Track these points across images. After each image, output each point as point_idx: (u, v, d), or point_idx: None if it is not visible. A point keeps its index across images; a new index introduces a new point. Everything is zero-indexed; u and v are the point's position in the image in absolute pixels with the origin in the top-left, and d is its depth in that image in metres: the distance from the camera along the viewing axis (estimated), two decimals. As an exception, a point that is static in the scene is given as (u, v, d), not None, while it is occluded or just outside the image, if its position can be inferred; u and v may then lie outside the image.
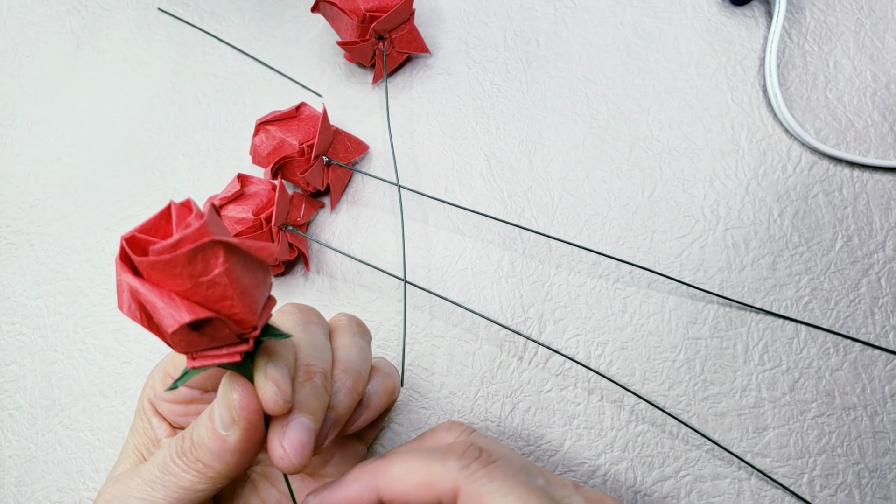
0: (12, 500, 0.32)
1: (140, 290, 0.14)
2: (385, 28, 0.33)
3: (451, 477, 0.19)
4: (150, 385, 0.24)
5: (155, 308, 0.15)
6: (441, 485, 0.19)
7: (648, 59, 0.34)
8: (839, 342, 0.29)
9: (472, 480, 0.19)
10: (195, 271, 0.15)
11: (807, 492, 0.27)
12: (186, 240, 0.14)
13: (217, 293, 0.15)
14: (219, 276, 0.15)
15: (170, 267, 0.14)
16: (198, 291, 0.15)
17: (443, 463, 0.20)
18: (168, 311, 0.14)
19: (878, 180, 0.31)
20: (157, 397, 0.23)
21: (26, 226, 0.37)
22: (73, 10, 0.42)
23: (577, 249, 0.32)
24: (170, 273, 0.14)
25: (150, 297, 0.14)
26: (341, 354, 0.23)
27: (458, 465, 0.20)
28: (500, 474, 0.20)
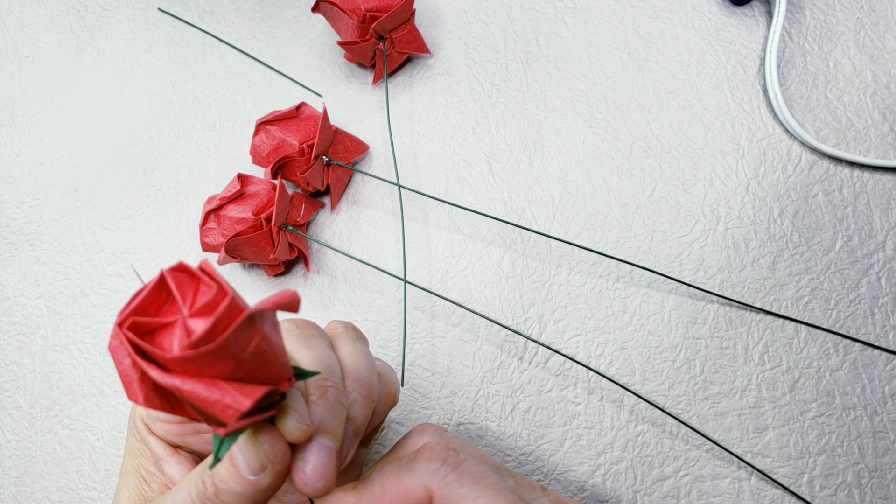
0: (12, 500, 0.32)
1: (182, 387, 0.13)
2: (385, 28, 0.33)
3: (423, 484, 0.20)
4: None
5: (206, 403, 0.14)
6: (415, 493, 0.20)
7: (648, 58, 0.34)
8: (839, 342, 0.29)
9: (444, 485, 0.20)
10: (236, 351, 0.14)
11: (807, 492, 0.27)
12: (221, 323, 0.13)
13: (258, 361, 0.14)
14: (258, 346, 0.14)
15: (211, 356, 0.13)
16: (239, 369, 0.14)
17: (412, 473, 0.20)
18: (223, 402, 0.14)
19: (878, 180, 0.31)
20: (152, 417, 0.23)
21: (26, 226, 0.37)
22: (73, 10, 0.42)
23: (578, 249, 0.32)
24: (210, 361, 0.13)
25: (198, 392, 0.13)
26: (348, 363, 0.22)
27: (428, 472, 0.20)
28: (470, 477, 0.20)
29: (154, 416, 0.22)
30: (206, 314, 0.14)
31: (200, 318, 0.14)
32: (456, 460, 0.21)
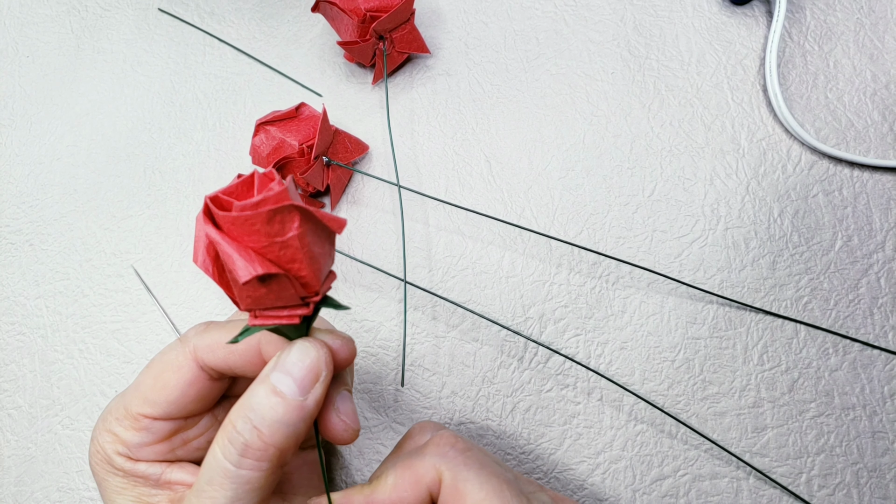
0: (12, 500, 0.32)
1: (220, 241, 0.15)
2: (385, 28, 0.33)
3: (433, 466, 0.21)
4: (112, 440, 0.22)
5: (231, 259, 0.15)
6: (426, 477, 0.21)
7: (649, 56, 0.34)
8: (838, 342, 0.29)
9: (451, 466, 0.21)
10: (272, 231, 0.16)
11: (805, 491, 0.27)
12: (268, 201, 0.15)
13: (289, 254, 0.16)
14: (292, 239, 0.16)
15: (249, 223, 0.15)
16: (271, 250, 0.16)
17: (422, 458, 0.21)
18: (243, 262, 0.15)
19: (878, 180, 0.31)
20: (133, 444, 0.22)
21: (26, 225, 0.37)
22: (73, 10, 0.42)
23: (578, 249, 0.32)
24: (249, 229, 0.15)
25: (228, 249, 0.15)
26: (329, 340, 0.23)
27: (438, 455, 0.21)
28: (476, 462, 0.21)
29: (138, 441, 0.22)
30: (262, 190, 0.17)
31: None
32: (463, 446, 0.22)
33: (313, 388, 0.19)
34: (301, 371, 0.18)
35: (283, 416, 0.18)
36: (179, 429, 0.22)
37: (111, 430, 0.22)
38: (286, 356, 0.19)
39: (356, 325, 0.32)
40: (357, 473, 0.30)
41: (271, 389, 0.18)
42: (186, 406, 0.22)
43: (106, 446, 0.22)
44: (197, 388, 0.22)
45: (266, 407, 0.18)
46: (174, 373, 0.22)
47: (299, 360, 0.19)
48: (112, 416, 0.22)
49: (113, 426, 0.22)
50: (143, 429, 0.22)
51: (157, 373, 0.22)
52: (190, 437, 0.23)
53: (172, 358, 0.22)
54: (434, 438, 0.22)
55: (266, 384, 0.19)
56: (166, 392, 0.21)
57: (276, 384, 0.18)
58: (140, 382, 0.22)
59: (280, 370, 0.19)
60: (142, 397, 0.22)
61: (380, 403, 0.31)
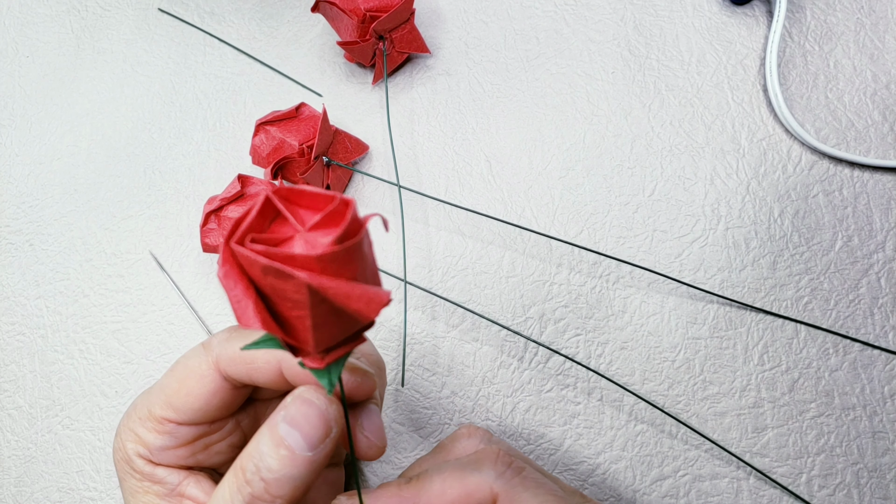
0: (12, 501, 0.32)
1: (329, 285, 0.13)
2: (385, 28, 0.33)
3: (489, 485, 0.20)
4: (134, 440, 0.22)
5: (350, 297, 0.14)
6: (479, 494, 0.20)
7: (649, 56, 0.34)
8: (839, 342, 0.29)
9: (509, 487, 0.20)
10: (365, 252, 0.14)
11: (805, 491, 0.27)
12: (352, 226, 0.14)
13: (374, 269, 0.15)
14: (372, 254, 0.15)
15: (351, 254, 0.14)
16: (365, 272, 0.15)
17: (478, 473, 0.20)
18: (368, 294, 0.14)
19: (878, 180, 0.31)
20: (155, 447, 0.21)
21: (26, 226, 0.37)
22: (73, 10, 0.42)
23: (578, 249, 0.32)
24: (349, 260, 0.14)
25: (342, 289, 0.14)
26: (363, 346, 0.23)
27: (494, 474, 0.20)
28: (533, 482, 0.20)
29: (160, 445, 0.21)
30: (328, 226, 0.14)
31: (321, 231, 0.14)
32: (518, 466, 0.21)
33: (322, 443, 0.18)
34: (310, 428, 0.18)
35: (291, 470, 0.18)
36: (202, 434, 0.22)
37: (134, 429, 0.22)
38: (295, 408, 0.18)
39: (356, 325, 0.32)
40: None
41: (279, 442, 0.18)
42: (210, 413, 0.21)
43: (128, 445, 0.22)
44: (221, 397, 0.21)
45: (274, 459, 0.18)
46: (197, 381, 0.21)
47: (309, 414, 0.18)
48: (136, 415, 0.22)
49: (136, 426, 0.22)
50: (167, 433, 0.21)
51: (182, 378, 0.21)
52: (212, 442, 0.22)
53: (195, 365, 0.21)
54: (489, 452, 0.21)
55: (274, 434, 0.18)
56: (190, 399, 0.21)
57: (284, 437, 0.18)
58: (164, 385, 0.22)
59: (288, 422, 0.18)
60: (166, 401, 0.21)
61: (380, 403, 0.31)
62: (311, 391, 0.18)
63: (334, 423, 0.18)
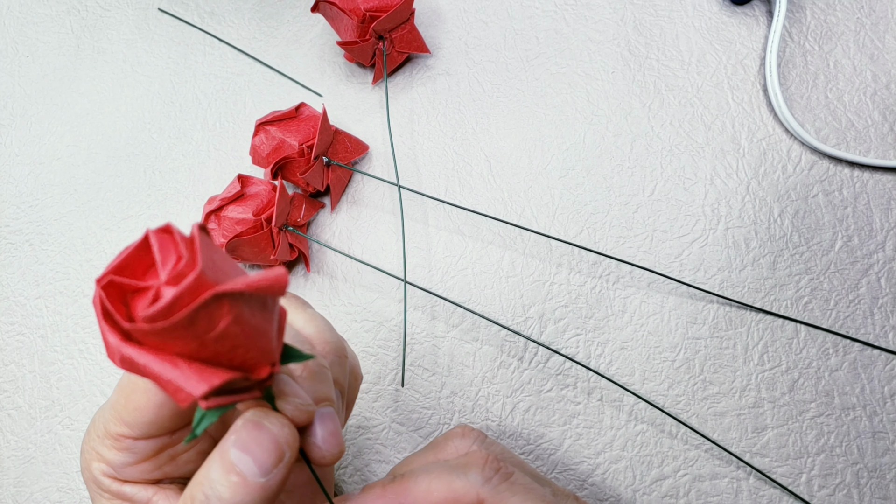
0: (11, 501, 0.32)
1: (138, 360, 0.13)
2: (385, 28, 0.33)
3: (475, 491, 0.20)
4: (97, 459, 0.21)
5: (161, 381, 0.13)
6: (465, 499, 0.20)
7: (649, 56, 0.34)
8: (839, 342, 0.29)
9: (496, 493, 0.20)
10: (199, 330, 0.13)
11: (805, 491, 0.27)
12: (182, 299, 0.12)
13: (227, 345, 0.13)
14: (227, 329, 0.13)
15: (168, 332, 0.12)
16: (205, 349, 0.13)
17: (465, 477, 0.20)
18: (175, 384, 0.13)
19: (878, 180, 0.31)
20: (118, 464, 0.20)
21: (26, 226, 0.37)
22: (73, 10, 0.42)
23: (578, 249, 0.32)
24: (169, 337, 0.12)
25: (153, 369, 0.13)
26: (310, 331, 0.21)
27: (481, 479, 0.20)
28: (521, 488, 0.20)
29: (122, 461, 0.20)
30: (175, 284, 0.13)
31: (171, 287, 0.13)
32: (507, 472, 0.21)
33: (276, 468, 0.17)
34: (262, 452, 0.17)
35: (244, 498, 0.17)
36: (165, 446, 0.21)
37: (95, 448, 0.21)
38: (246, 432, 0.17)
39: (356, 325, 0.32)
40: (357, 473, 0.30)
41: (230, 468, 0.17)
42: (163, 425, 0.20)
43: (93, 465, 0.21)
44: (170, 408, 0.20)
45: (224, 487, 0.17)
46: (143, 395, 0.20)
47: (261, 439, 0.17)
48: (95, 433, 0.21)
49: (96, 444, 0.21)
50: (125, 449, 0.20)
51: (127, 393, 0.20)
52: (178, 452, 0.21)
53: (137, 378, 0.20)
54: (477, 456, 0.21)
55: (225, 460, 0.17)
56: (138, 414, 0.20)
57: (235, 462, 0.17)
58: (115, 402, 0.21)
59: (239, 447, 0.17)
60: (118, 417, 0.20)
61: (380, 403, 0.31)
62: (262, 414, 0.17)
63: (287, 447, 0.17)
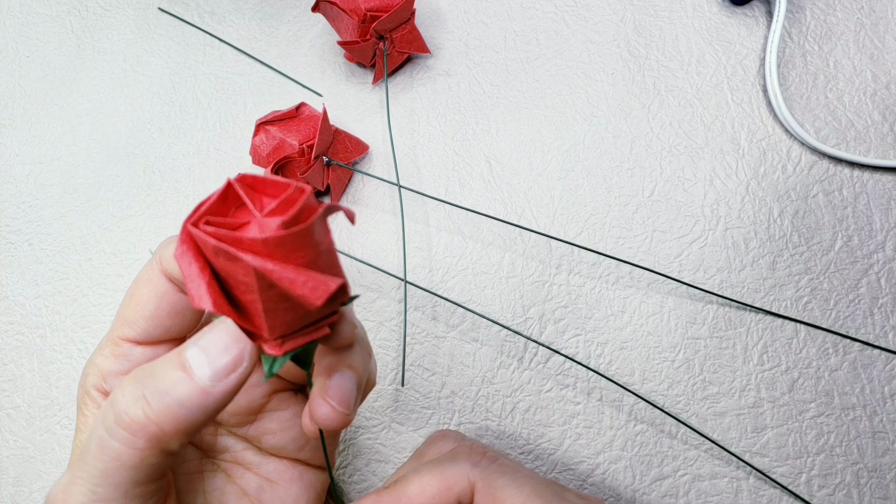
0: (10, 500, 0.32)
1: (273, 269, 0.13)
2: (386, 28, 0.33)
3: (465, 475, 0.20)
4: (90, 372, 0.21)
5: (294, 283, 0.14)
6: (458, 486, 0.20)
7: (649, 56, 0.34)
8: (838, 342, 0.29)
9: (486, 475, 0.20)
10: (317, 241, 0.14)
11: (805, 491, 0.27)
12: (303, 212, 0.14)
13: (329, 260, 0.15)
14: (330, 243, 0.15)
15: (299, 239, 0.14)
16: (319, 260, 0.14)
17: (455, 465, 0.21)
18: (312, 282, 0.14)
19: (878, 180, 0.31)
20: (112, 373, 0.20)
21: (25, 225, 0.37)
22: (73, 10, 0.42)
23: (578, 249, 0.32)
24: (298, 246, 0.14)
25: (287, 275, 0.13)
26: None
27: (470, 464, 0.21)
28: (509, 468, 0.21)
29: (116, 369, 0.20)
30: (282, 212, 0.14)
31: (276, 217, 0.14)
32: (494, 454, 0.21)
33: (227, 377, 0.16)
34: (219, 354, 0.16)
35: (182, 396, 0.16)
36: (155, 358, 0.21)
37: (94, 361, 0.21)
38: (211, 332, 0.16)
39: (356, 324, 0.32)
40: (357, 474, 0.30)
41: (181, 363, 0.16)
42: (161, 321, 0.20)
43: (87, 380, 0.21)
44: (168, 301, 0.20)
45: (168, 380, 0.16)
46: (145, 286, 0.20)
47: (222, 341, 0.16)
48: (97, 350, 0.21)
49: (95, 358, 0.21)
50: (122, 355, 0.20)
51: (132, 291, 0.20)
52: None
53: (144, 273, 0.20)
54: (462, 447, 0.22)
55: (180, 354, 0.16)
56: (140, 307, 0.20)
57: (188, 359, 0.16)
58: (121, 305, 0.21)
59: (198, 345, 0.16)
60: (121, 319, 0.20)
61: (380, 403, 0.31)
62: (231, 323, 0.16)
63: (248, 356, 0.16)
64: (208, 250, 0.14)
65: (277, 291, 0.14)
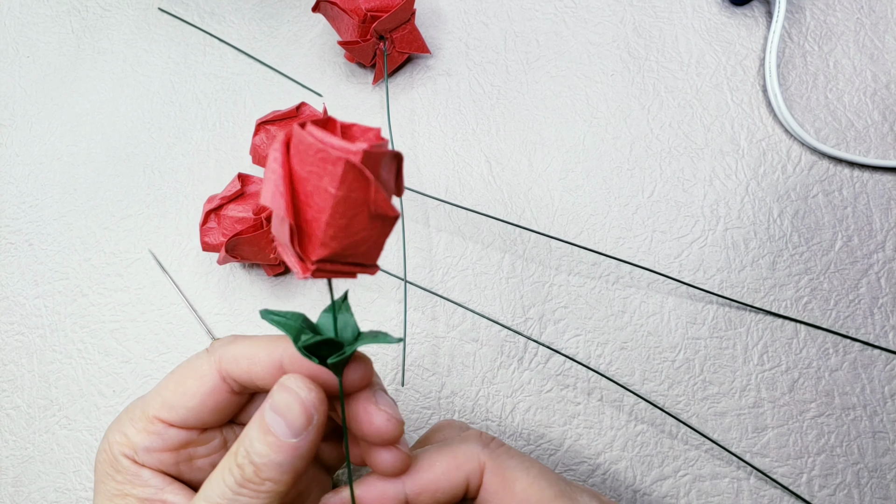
0: (9, 501, 0.32)
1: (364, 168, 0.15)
2: (386, 28, 0.33)
3: (476, 455, 0.21)
4: (121, 439, 0.21)
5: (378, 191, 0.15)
6: (468, 464, 0.21)
7: (648, 58, 0.34)
8: (839, 342, 0.29)
9: (496, 456, 0.21)
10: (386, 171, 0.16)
11: (806, 491, 0.27)
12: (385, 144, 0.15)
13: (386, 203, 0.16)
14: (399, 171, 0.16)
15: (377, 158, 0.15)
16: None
17: (466, 445, 0.21)
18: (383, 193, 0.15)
19: (878, 180, 0.31)
20: (141, 448, 0.21)
21: (25, 225, 0.37)
22: (73, 10, 0.42)
23: (578, 250, 0.32)
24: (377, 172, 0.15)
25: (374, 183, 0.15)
26: None
27: (480, 445, 0.21)
28: (517, 452, 0.22)
29: (147, 444, 0.21)
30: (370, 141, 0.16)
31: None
32: (501, 441, 0.22)
33: (306, 430, 0.18)
34: (292, 415, 0.18)
35: (276, 456, 0.18)
36: (190, 442, 0.22)
37: (123, 430, 0.22)
38: (279, 396, 0.19)
39: (356, 324, 0.32)
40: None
41: (266, 429, 0.19)
42: (203, 416, 0.21)
43: (114, 446, 0.22)
44: (216, 399, 0.21)
45: (260, 444, 0.19)
46: (197, 380, 0.21)
47: (290, 402, 0.18)
48: (127, 417, 0.22)
49: (125, 427, 0.22)
50: (155, 433, 0.21)
51: (180, 378, 0.22)
52: (197, 455, 0.22)
53: (197, 365, 0.22)
54: (473, 431, 0.23)
55: (262, 422, 0.19)
56: (186, 398, 0.21)
57: (270, 424, 0.18)
58: (162, 386, 0.22)
59: (274, 410, 0.19)
60: (161, 400, 0.21)
61: (379, 403, 0.31)
62: (294, 379, 0.19)
63: (315, 410, 0.19)
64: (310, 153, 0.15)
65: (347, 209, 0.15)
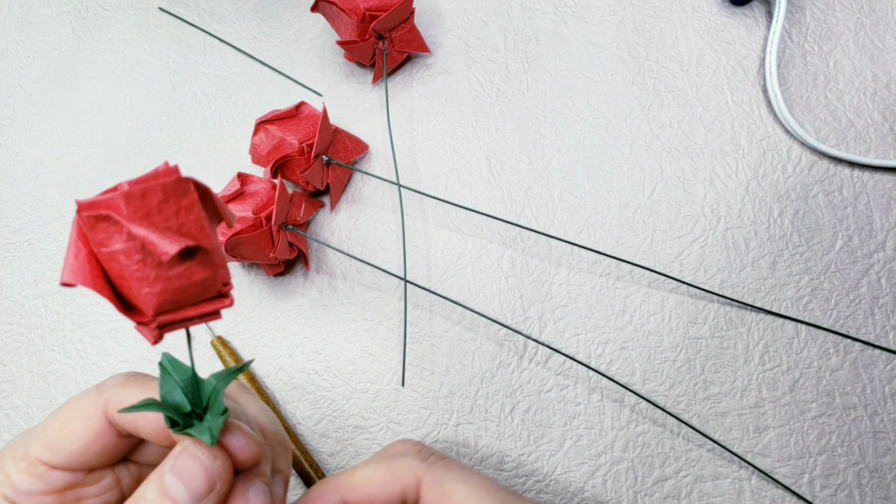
0: (9, 501, 0.32)
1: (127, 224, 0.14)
2: (385, 27, 0.33)
3: (413, 469, 0.21)
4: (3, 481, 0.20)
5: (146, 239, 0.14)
6: (404, 479, 0.21)
7: (649, 57, 0.34)
8: (839, 342, 0.29)
9: (434, 469, 0.21)
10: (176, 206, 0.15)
11: (807, 491, 0.27)
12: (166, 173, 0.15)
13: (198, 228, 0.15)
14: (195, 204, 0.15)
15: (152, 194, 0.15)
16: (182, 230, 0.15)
17: (403, 458, 0.21)
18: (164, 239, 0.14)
19: (878, 180, 0.31)
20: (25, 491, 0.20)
21: (25, 225, 0.37)
22: (73, 10, 0.42)
23: (577, 249, 0.31)
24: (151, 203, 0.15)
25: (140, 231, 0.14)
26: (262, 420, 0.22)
27: (418, 460, 0.21)
28: (456, 465, 0.21)
29: (29, 488, 0.20)
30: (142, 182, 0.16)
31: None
32: (442, 455, 0.22)
33: (206, 498, 0.18)
34: (194, 481, 0.18)
35: None
36: (75, 484, 0.21)
37: (5, 469, 0.20)
38: (182, 460, 0.18)
39: (355, 324, 0.32)
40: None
41: (164, 492, 0.18)
42: (88, 459, 0.20)
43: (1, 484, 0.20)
44: (103, 442, 0.20)
45: None
46: (82, 422, 0.20)
47: (193, 468, 0.18)
48: (10, 454, 0.20)
49: (8, 465, 0.20)
50: (37, 475, 0.20)
51: (66, 417, 0.20)
52: (86, 496, 0.21)
53: (83, 406, 0.20)
54: (412, 443, 0.23)
55: (161, 484, 0.18)
56: (70, 440, 0.20)
57: (169, 487, 0.18)
58: (47, 425, 0.21)
59: (175, 474, 0.18)
60: (44, 441, 0.20)
61: (378, 403, 0.31)
62: (198, 445, 0.18)
63: (218, 478, 0.18)
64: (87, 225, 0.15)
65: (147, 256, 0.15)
